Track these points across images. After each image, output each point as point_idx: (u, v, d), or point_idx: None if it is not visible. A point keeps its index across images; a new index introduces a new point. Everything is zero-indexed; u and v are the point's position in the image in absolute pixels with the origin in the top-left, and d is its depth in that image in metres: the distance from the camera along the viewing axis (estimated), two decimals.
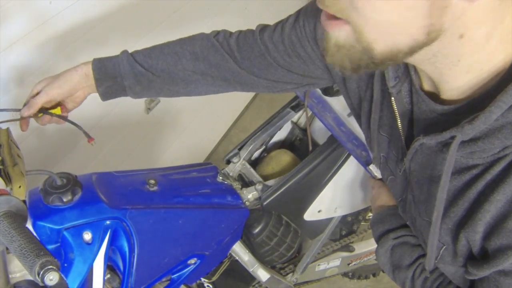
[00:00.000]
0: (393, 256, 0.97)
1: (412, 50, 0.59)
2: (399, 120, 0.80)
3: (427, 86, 0.73)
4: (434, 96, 0.72)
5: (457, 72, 0.63)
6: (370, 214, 1.71)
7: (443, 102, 0.70)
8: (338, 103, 1.26)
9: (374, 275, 1.93)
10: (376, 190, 1.13)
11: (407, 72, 0.75)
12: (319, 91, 1.27)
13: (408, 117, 0.78)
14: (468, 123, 0.62)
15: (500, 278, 0.70)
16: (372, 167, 1.17)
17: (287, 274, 1.50)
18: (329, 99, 1.27)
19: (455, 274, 0.81)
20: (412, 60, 0.64)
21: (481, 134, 0.63)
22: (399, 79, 0.76)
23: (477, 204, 0.67)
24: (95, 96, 1.09)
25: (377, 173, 1.17)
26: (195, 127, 2.41)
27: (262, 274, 1.39)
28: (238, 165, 1.35)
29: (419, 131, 0.75)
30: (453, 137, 0.65)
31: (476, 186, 0.67)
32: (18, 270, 0.90)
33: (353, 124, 1.21)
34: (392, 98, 0.78)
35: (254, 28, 1.03)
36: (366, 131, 0.92)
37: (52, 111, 1.04)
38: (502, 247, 0.66)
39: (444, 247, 0.76)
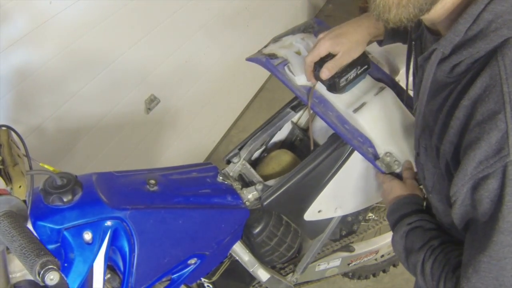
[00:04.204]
0: (407, 241, 0.99)
1: None
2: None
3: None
4: None
5: (444, 5, 0.76)
6: (370, 214, 1.71)
7: None
8: (341, 101, 1.24)
9: (374, 275, 1.93)
10: (388, 184, 1.15)
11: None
12: (320, 91, 1.25)
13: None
14: (443, 36, 0.76)
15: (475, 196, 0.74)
16: (379, 161, 1.17)
17: (287, 274, 1.50)
18: (331, 98, 1.25)
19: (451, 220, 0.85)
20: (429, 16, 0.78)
21: (455, 47, 0.75)
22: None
23: (450, 115, 0.77)
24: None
25: (385, 168, 1.16)
26: (195, 127, 2.41)
27: (262, 274, 1.39)
28: (238, 165, 1.35)
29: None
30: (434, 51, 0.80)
31: (452, 99, 0.78)
32: (19, 270, 0.91)
33: (358, 121, 1.20)
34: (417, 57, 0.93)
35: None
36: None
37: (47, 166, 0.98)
38: (466, 149, 0.73)
39: (438, 172, 0.85)
